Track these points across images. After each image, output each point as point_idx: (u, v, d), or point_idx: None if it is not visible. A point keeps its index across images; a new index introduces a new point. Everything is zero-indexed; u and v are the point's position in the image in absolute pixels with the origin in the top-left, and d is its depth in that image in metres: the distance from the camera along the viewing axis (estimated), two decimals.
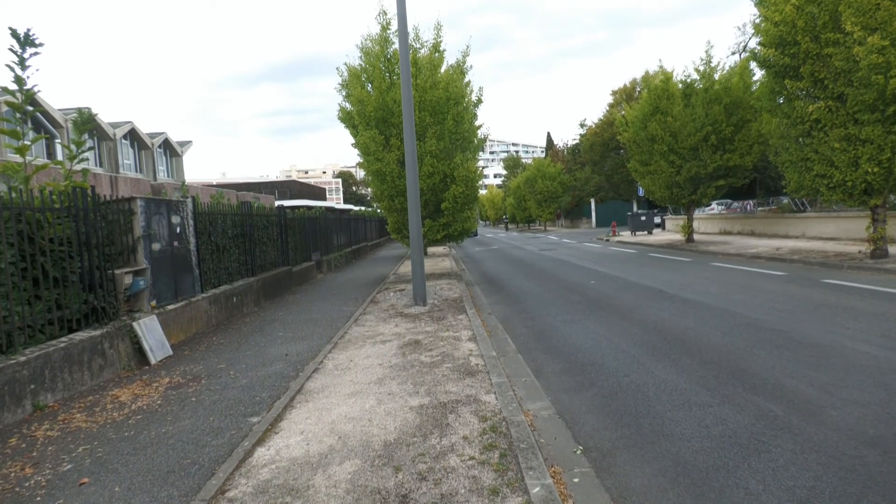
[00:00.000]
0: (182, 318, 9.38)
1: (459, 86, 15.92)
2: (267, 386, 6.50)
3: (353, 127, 16.47)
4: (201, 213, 10.85)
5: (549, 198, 55.26)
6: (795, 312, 8.62)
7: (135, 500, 3.92)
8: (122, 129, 31.25)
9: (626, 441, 4.53)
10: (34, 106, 7.96)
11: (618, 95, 55.73)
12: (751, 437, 4.35)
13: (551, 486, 3.66)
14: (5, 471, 4.50)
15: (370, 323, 10.00)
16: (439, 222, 16.17)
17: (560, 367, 6.84)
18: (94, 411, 5.89)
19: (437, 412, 5.20)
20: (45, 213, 6.84)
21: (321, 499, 3.72)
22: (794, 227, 23.18)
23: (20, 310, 6.26)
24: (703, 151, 21.35)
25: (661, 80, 22.73)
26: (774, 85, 14.99)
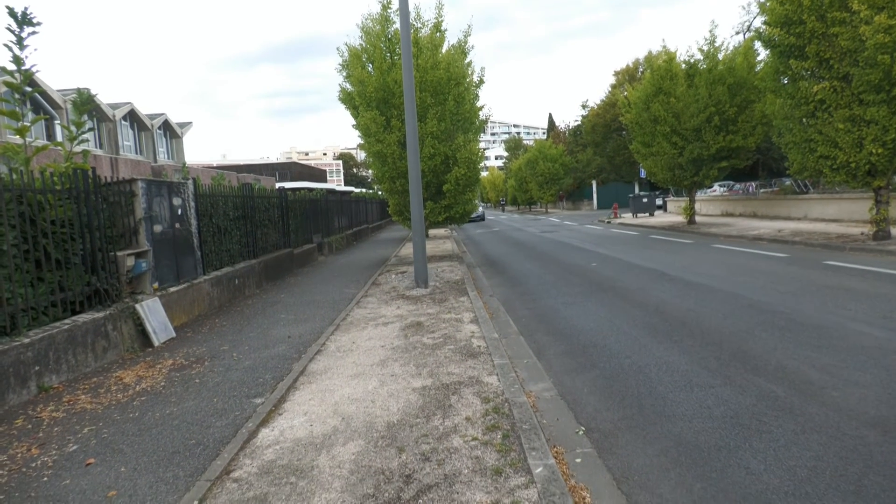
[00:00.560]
0: (184, 300, 9.40)
1: (461, 66, 15.78)
2: (270, 368, 6.53)
3: (353, 108, 16.34)
4: (202, 194, 10.82)
5: (551, 180, 55.03)
6: (797, 294, 8.63)
7: (140, 480, 3.96)
8: (122, 110, 31.09)
9: (628, 422, 4.55)
10: (33, 86, 7.91)
11: (620, 76, 55.26)
12: (752, 417, 4.38)
13: (554, 467, 3.69)
14: (12, 451, 4.54)
15: (372, 305, 10.02)
16: (441, 204, 16.12)
17: (562, 348, 6.86)
18: (98, 393, 5.93)
19: (440, 393, 5.23)
20: (46, 195, 6.82)
21: (326, 479, 3.76)
22: (797, 209, 23.11)
23: (23, 292, 6.27)
24: (706, 133, 21.22)
25: (665, 61, 22.52)
26: (779, 65, 14.84)
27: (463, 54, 16.36)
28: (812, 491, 3.33)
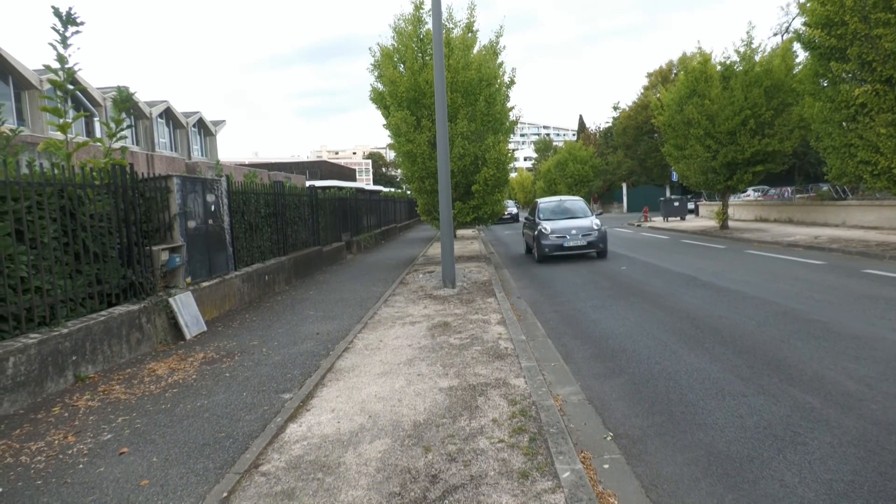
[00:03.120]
0: (216, 294, 9.56)
1: (492, 67, 15.75)
2: (298, 364, 6.60)
3: (384, 108, 16.42)
4: (235, 191, 10.99)
5: (580, 181, 54.48)
6: (834, 302, 8.40)
7: (172, 470, 4.03)
8: (158, 108, 31.76)
9: (658, 429, 4.48)
10: (75, 84, 8.11)
11: (653, 78, 54.49)
12: (786, 428, 4.27)
13: (581, 472, 3.65)
14: (49, 438, 4.67)
15: (399, 304, 10.05)
16: (469, 204, 16.11)
17: (590, 352, 6.79)
18: (132, 383, 6.06)
19: (467, 394, 5.22)
20: (85, 190, 7.00)
21: (352, 476, 3.78)
22: (834, 216, 22.51)
23: (62, 283, 6.44)
24: (741, 136, 20.78)
25: (699, 62, 22.12)
26: (819, 67, 14.46)
27: (494, 55, 16.33)
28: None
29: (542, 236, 15.58)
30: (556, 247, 15.37)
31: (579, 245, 15.23)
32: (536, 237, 15.92)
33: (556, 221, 16.27)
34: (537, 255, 15.87)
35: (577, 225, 15.75)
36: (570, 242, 15.28)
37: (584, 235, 15.28)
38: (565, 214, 16.93)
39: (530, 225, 17.44)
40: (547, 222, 16.15)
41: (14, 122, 21.69)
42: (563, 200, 17.96)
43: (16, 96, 22.87)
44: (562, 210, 17.26)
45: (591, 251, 15.61)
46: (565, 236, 15.36)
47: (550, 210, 17.32)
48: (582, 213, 17.06)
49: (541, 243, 15.57)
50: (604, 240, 15.43)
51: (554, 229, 15.64)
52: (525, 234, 18.81)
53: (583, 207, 17.33)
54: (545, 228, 15.70)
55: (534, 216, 17.22)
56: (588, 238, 15.27)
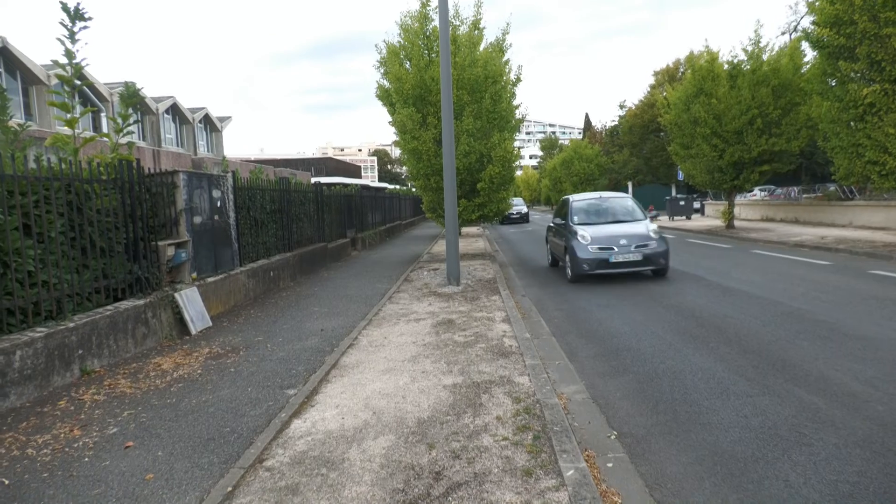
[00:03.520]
0: (221, 290, 9.58)
1: (498, 64, 15.71)
2: (303, 359, 6.62)
3: (390, 105, 16.43)
4: (241, 187, 11.01)
5: (586, 180, 54.38)
6: (841, 303, 8.36)
7: (177, 464, 4.05)
8: (165, 104, 31.84)
9: (662, 428, 4.48)
10: (82, 79, 8.14)
11: (660, 76, 54.28)
12: (792, 429, 4.26)
13: (585, 470, 3.65)
14: (56, 431, 4.70)
15: (404, 301, 10.06)
16: (474, 202, 16.09)
17: (594, 351, 6.79)
18: (137, 378, 6.08)
19: (471, 392, 5.22)
20: (92, 185, 7.02)
21: (356, 472, 3.79)
22: (841, 216, 22.41)
23: (69, 278, 6.47)
24: (748, 135, 20.71)
25: (707, 61, 22.05)
26: (827, 66, 14.40)
27: (500, 52, 16.30)
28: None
29: (579, 247, 11.45)
30: (599, 262, 11.24)
31: (632, 260, 11.22)
32: (570, 248, 11.74)
33: (597, 226, 12.10)
34: (571, 272, 11.74)
35: (628, 231, 11.63)
36: (619, 256, 11.18)
37: (638, 247, 11.24)
38: (608, 217, 12.77)
39: (559, 231, 13.26)
40: (584, 227, 11.97)
41: (22, 117, 21.78)
42: (604, 198, 13.57)
43: (23, 91, 22.96)
44: (603, 211, 13.01)
45: (646, 269, 11.58)
46: (612, 247, 11.26)
47: (588, 211, 13.02)
48: (630, 214, 12.83)
49: (576, 257, 11.41)
50: (665, 254, 11.44)
51: (596, 237, 11.53)
52: (551, 241, 14.52)
53: (632, 207, 13.05)
54: (583, 236, 11.57)
55: (564, 218, 12.97)
56: (644, 250, 11.23)
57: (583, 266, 11.35)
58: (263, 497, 3.53)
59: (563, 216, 13.25)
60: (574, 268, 11.58)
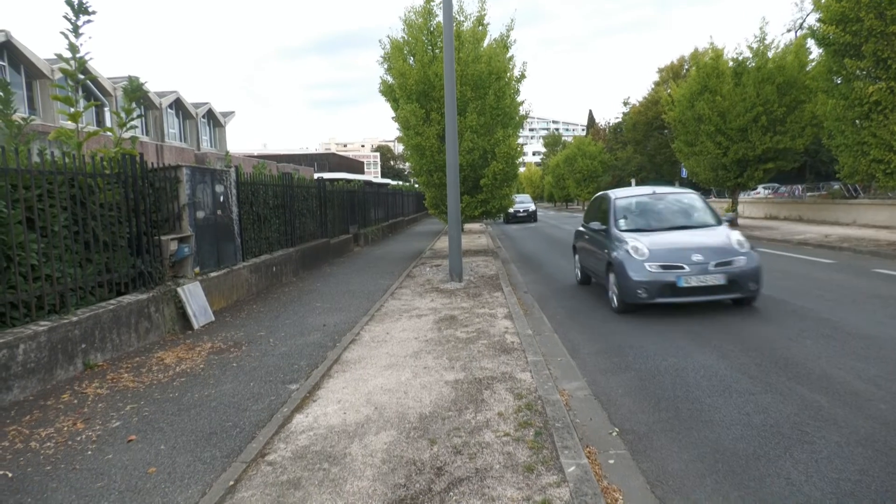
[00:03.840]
0: (224, 285, 9.60)
1: (502, 60, 15.70)
2: (305, 355, 6.63)
3: (394, 100, 16.44)
4: (244, 182, 11.02)
5: (589, 177, 54.33)
6: (844, 302, 8.34)
7: (179, 458, 4.06)
8: (168, 99, 31.85)
9: (664, 425, 4.47)
10: (86, 73, 8.14)
11: (664, 73, 54.12)
12: (794, 427, 4.25)
13: (586, 466, 3.65)
14: (59, 424, 4.72)
15: (406, 297, 10.07)
16: (477, 199, 16.11)
17: (596, 347, 6.78)
18: (140, 372, 6.10)
19: (473, 388, 5.22)
20: (96, 179, 7.03)
21: (358, 467, 3.79)
22: (845, 214, 22.34)
23: (72, 272, 6.48)
24: (753, 133, 20.65)
25: (711, 58, 21.99)
26: (833, 64, 14.34)
27: (505, 48, 16.28)
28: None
29: (631, 264, 8.01)
30: (662, 287, 7.79)
31: (711, 285, 7.72)
32: (616, 265, 8.29)
33: (654, 235, 8.60)
34: (618, 300, 8.29)
35: (702, 242, 8.21)
36: (692, 279, 7.72)
37: (719, 264, 7.75)
38: (667, 221, 9.16)
39: (595, 238, 9.77)
40: (637, 236, 8.50)
41: (26, 111, 21.81)
42: (658, 194, 9.85)
43: (27, 85, 22.99)
44: (659, 212, 9.41)
45: (731, 297, 7.96)
46: (680, 265, 7.81)
47: (638, 212, 9.46)
48: (699, 217, 9.20)
49: (627, 278, 7.98)
50: (757, 274, 7.98)
51: (656, 251, 8.07)
52: (582, 252, 10.97)
53: (701, 207, 9.43)
54: (636, 249, 8.12)
55: (604, 222, 9.47)
56: (729, 270, 7.74)
57: (636, 292, 7.85)
58: (265, 491, 3.54)
59: (602, 219, 9.65)
60: (623, 293, 8.05)
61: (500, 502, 3.28)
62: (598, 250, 9.52)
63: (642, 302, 7.96)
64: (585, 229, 10.65)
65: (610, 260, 8.61)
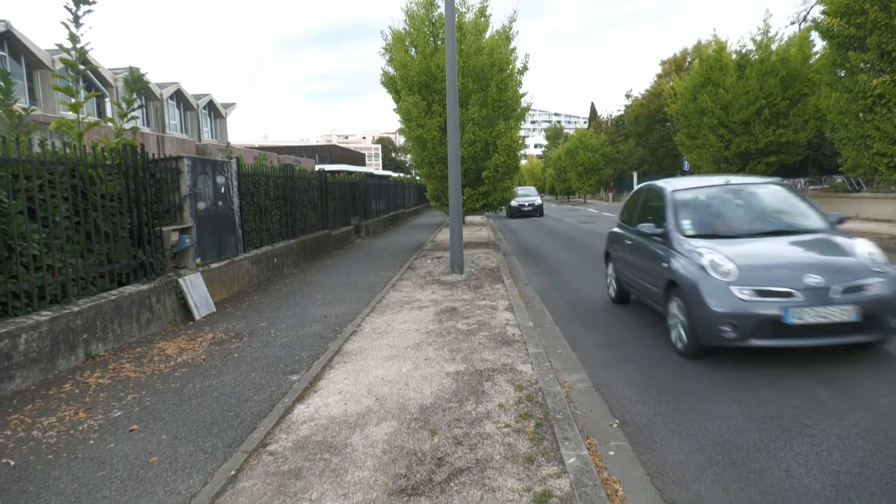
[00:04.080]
0: (225, 276, 9.61)
1: (504, 52, 15.63)
2: (306, 346, 6.64)
3: (395, 92, 16.38)
4: (245, 174, 11.00)
5: (590, 170, 54.27)
6: None
7: (181, 448, 4.08)
8: (169, 90, 31.77)
9: (664, 417, 4.48)
10: (86, 64, 8.12)
11: (667, 66, 53.92)
12: (794, 419, 4.26)
13: (587, 458, 3.66)
14: (61, 414, 4.73)
15: (407, 289, 10.08)
16: (479, 191, 16.08)
17: (597, 340, 6.79)
18: (142, 362, 6.12)
19: (473, 379, 5.23)
20: (97, 170, 7.02)
21: (359, 457, 3.81)
22: (848, 208, 22.25)
23: (74, 262, 6.49)
24: (755, 126, 20.62)
25: (714, 51, 21.95)
26: (836, 57, 14.29)
27: (507, 40, 16.20)
28: (856, 497, 3.23)
29: (708, 286, 5.54)
30: (761, 323, 5.24)
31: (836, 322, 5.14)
32: (684, 286, 5.82)
33: (737, 243, 6.09)
34: (690, 337, 5.76)
35: (815, 257, 5.82)
36: (808, 313, 5.14)
37: (848, 290, 5.20)
38: (753, 223, 6.62)
39: (643, 245, 7.26)
40: (712, 245, 5.98)
41: (26, 102, 21.77)
42: (734, 187, 7.21)
43: (28, 76, 22.93)
44: (741, 211, 6.85)
45: (861, 339, 5.33)
46: (790, 291, 5.23)
47: (708, 210, 6.93)
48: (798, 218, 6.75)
49: (704, 307, 5.47)
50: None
51: (747, 267, 5.53)
52: (620, 260, 8.29)
53: (798, 205, 7.09)
54: (716, 265, 5.62)
55: (660, 223, 6.90)
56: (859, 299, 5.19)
57: (719, 329, 5.34)
58: (266, 481, 3.56)
59: (655, 219, 7.05)
60: (699, 329, 5.55)
61: (501, 493, 3.30)
62: (648, 263, 6.85)
63: (728, 344, 5.30)
64: (626, 232, 8.10)
65: (673, 278, 5.93)
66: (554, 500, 3.21)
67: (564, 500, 3.21)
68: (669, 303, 6.18)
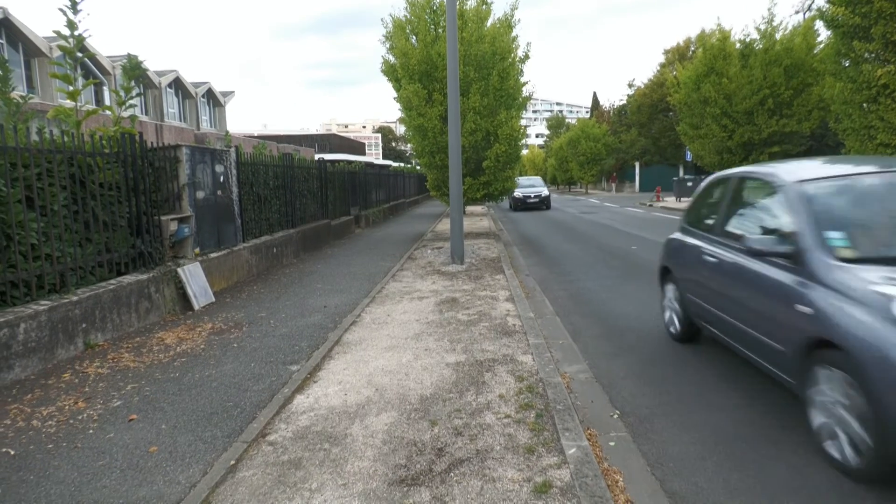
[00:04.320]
0: (224, 266, 9.61)
1: (506, 40, 15.55)
2: (306, 336, 6.65)
3: (395, 80, 16.30)
4: (244, 163, 10.97)
5: (592, 160, 54.15)
6: None
7: (180, 438, 4.09)
8: (168, 78, 31.65)
9: (665, 408, 4.49)
10: (84, 51, 8.07)
11: (670, 55, 53.62)
12: (796, 409, 4.26)
13: (587, 448, 3.67)
14: (60, 403, 4.74)
15: (407, 279, 10.08)
16: (480, 181, 16.05)
17: (598, 331, 6.80)
18: (141, 352, 6.13)
19: (474, 370, 5.24)
20: (95, 158, 7.00)
21: (358, 448, 3.82)
22: None
23: (72, 251, 6.48)
24: (759, 116, 20.54)
25: (718, 40, 21.83)
26: (841, 46, 14.17)
27: (509, 28, 16.11)
28: (857, 487, 3.24)
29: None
30: None
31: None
32: (872, 359, 3.08)
33: None
34: (877, 446, 3.09)
35: None
36: None
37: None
38: None
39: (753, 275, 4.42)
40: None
41: (24, 90, 21.69)
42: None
43: (26, 64, 22.84)
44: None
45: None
46: None
47: (877, 217, 4.15)
48: None
49: None
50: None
51: None
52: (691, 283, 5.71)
53: None
54: None
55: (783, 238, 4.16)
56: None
57: None
58: (266, 471, 3.57)
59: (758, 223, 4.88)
60: None
61: (501, 483, 3.31)
62: (758, 298, 4.39)
63: None
64: (703, 242, 5.55)
65: (827, 336, 3.49)
66: (554, 491, 3.22)
67: (565, 491, 3.21)
68: (815, 378, 3.63)
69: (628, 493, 3.32)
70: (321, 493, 3.29)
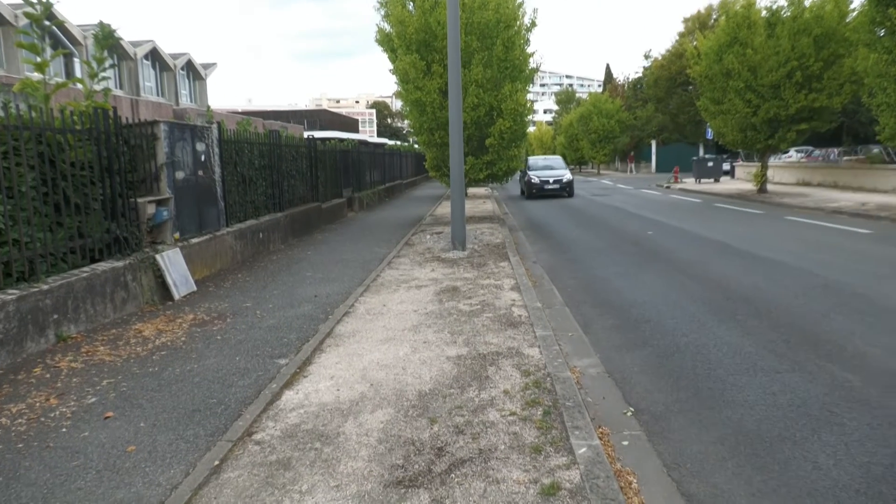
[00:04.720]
0: (206, 252, 9.60)
1: (511, 7, 15.40)
2: (295, 328, 6.66)
3: (391, 51, 16.18)
4: (227, 140, 10.93)
5: (605, 137, 53.94)
6: (881, 275, 8.34)
7: (160, 437, 4.11)
8: (144, 49, 31.45)
9: (682, 405, 4.51)
10: (52, 19, 8.01)
11: (690, 23, 53.27)
12: (823, 407, 4.28)
13: (598, 448, 3.68)
14: (31, 400, 4.76)
15: (405, 266, 10.08)
16: (483, 160, 15.99)
17: (611, 322, 6.81)
18: (117, 345, 6.14)
19: (476, 364, 5.25)
20: (65, 135, 6.97)
21: (352, 447, 3.83)
22: (885, 181, 22.18)
23: (42, 236, 6.47)
24: (786, 90, 20.37)
25: (742, 7, 21.60)
26: (876, 14, 14.09)
27: None
28: (887, 491, 3.25)
29: None
30: None
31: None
32: None
33: None
34: None
35: None
36: None
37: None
38: None
39: None
40: None
41: None
42: None
43: None
44: None
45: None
46: None
47: None
48: None
49: None
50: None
51: None
52: None
53: None
54: None
55: None
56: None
57: None
58: (253, 472, 3.58)
59: None
60: None
61: (506, 485, 3.32)
62: None
63: None
64: None
65: None
66: (563, 493, 3.23)
67: (574, 493, 3.23)
68: None
69: (643, 495, 3.34)
70: (312, 495, 3.31)
